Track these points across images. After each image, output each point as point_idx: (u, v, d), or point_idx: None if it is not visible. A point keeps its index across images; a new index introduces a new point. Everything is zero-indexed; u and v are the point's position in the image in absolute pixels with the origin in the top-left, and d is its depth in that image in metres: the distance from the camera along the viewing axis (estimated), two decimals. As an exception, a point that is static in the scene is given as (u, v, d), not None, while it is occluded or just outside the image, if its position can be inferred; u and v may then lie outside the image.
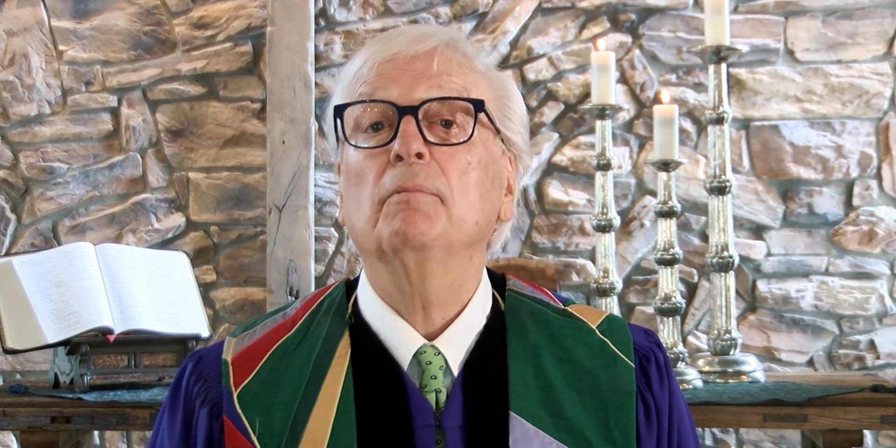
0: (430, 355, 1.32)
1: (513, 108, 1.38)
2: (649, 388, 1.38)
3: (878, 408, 2.55)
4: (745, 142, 3.73)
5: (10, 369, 3.83)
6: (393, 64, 1.32)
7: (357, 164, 1.32)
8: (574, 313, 1.41)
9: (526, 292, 1.42)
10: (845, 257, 3.71)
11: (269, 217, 3.69)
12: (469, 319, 1.35)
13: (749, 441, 3.70)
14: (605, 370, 1.35)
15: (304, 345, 1.36)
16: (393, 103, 1.30)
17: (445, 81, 1.32)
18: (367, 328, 1.36)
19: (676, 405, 1.40)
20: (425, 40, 1.33)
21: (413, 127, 1.29)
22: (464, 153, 1.31)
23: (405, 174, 1.28)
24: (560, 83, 3.76)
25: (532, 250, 3.76)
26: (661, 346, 1.42)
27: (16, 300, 2.71)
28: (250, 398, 1.33)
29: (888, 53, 3.71)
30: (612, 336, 1.39)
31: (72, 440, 2.76)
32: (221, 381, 1.36)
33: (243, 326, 1.43)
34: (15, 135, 3.86)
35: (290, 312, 1.41)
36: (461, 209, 1.30)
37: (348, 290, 1.41)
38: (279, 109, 3.70)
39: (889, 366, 3.68)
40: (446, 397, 1.32)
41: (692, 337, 3.71)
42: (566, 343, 1.37)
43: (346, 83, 1.36)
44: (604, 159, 3.07)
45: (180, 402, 1.39)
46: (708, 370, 2.82)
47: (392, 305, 1.35)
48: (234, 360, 1.37)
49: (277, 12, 3.71)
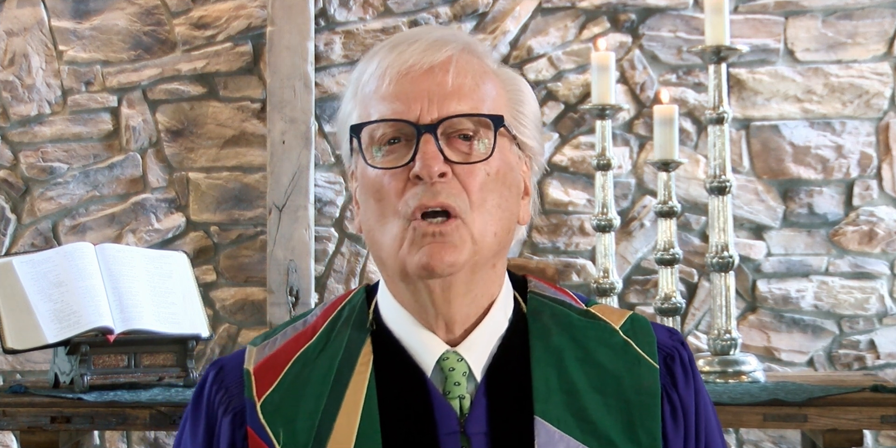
0: (452, 362, 1.32)
1: (525, 111, 1.38)
2: (675, 388, 1.37)
3: (878, 408, 2.55)
4: (745, 142, 3.72)
5: (10, 369, 3.83)
6: (409, 77, 1.31)
7: (376, 181, 1.32)
8: (597, 314, 1.40)
9: (547, 294, 1.41)
10: (845, 257, 3.71)
11: (269, 217, 3.69)
12: (491, 324, 1.35)
13: (749, 441, 3.70)
14: (628, 372, 1.35)
15: (326, 353, 1.36)
16: (412, 123, 1.29)
17: (463, 94, 1.31)
18: (389, 335, 1.36)
19: (703, 403, 1.40)
20: (440, 49, 1.32)
21: (433, 147, 1.29)
22: (483, 167, 1.31)
23: (427, 193, 1.28)
24: (560, 83, 3.76)
25: (532, 250, 3.76)
26: (685, 345, 1.42)
27: (16, 300, 2.70)
28: (274, 409, 1.33)
29: (888, 53, 3.71)
30: (636, 336, 1.38)
31: (72, 440, 2.76)
32: (244, 391, 1.36)
33: (264, 335, 1.43)
34: (15, 135, 3.86)
35: (311, 319, 1.41)
36: (481, 224, 1.30)
37: (368, 297, 1.41)
38: (279, 109, 3.70)
39: (889, 366, 3.68)
40: (470, 403, 1.32)
41: (692, 337, 3.71)
42: (589, 345, 1.36)
43: (360, 96, 1.35)
44: (604, 159, 3.07)
45: (202, 411, 1.39)
46: (708, 370, 2.82)
47: (414, 315, 1.35)
48: (256, 369, 1.37)
49: (277, 12, 3.71)
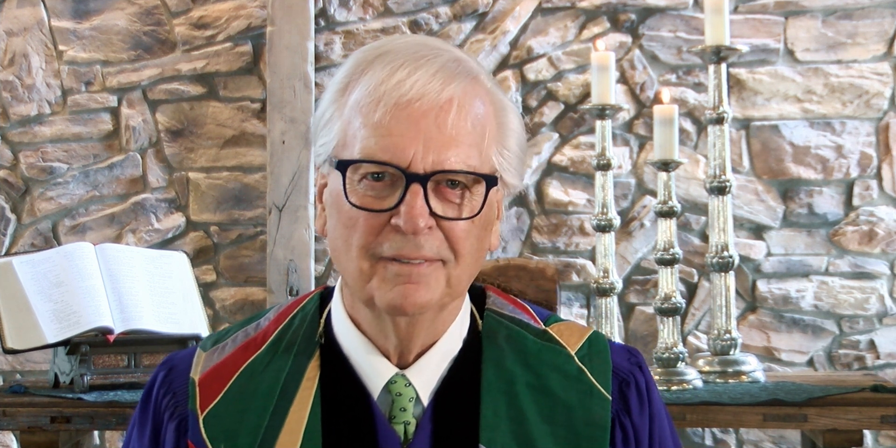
0: (400, 386, 1.30)
1: (510, 145, 1.31)
2: (628, 414, 1.35)
3: (878, 408, 2.55)
4: (745, 142, 3.72)
5: (10, 369, 3.83)
6: (406, 113, 1.23)
7: (351, 214, 1.25)
8: (554, 335, 1.36)
9: (505, 312, 1.38)
10: (845, 257, 3.70)
11: (269, 217, 3.69)
12: (444, 346, 1.32)
13: (749, 441, 3.69)
14: (580, 402, 1.32)
15: (273, 365, 1.33)
16: (402, 169, 1.22)
17: (460, 142, 1.24)
18: (339, 351, 1.32)
19: (658, 429, 1.37)
20: (444, 85, 1.24)
21: (420, 200, 1.22)
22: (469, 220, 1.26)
23: (408, 245, 1.23)
24: (560, 83, 3.76)
25: (532, 250, 3.76)
26: (644, 367, 1.39)
27: (16, 300, 2.71)
28: (216, 422, 1.31)
29: (888, 53, 3.71)
30: (591, 362, 1.35)
31: (72, 440, 2.76)
32: (188, 401, 1.33)
33: (214, 338, 1.39)
34: (15, 135, 3.86)
35: (263, 324, 1.37)
36: (461, 270, 1.27)
37: (322, 303, 1.37)
38: (279, 109, 3.70)
39: (889, 366, 3.68)
40: (415, 429, 1.29)
41: (692, 337, 3.71)
42: (542, 371, 1.33)
43: (347, 111, 1.27)
44: (604, 159, 3.07)
45: (150, 414, 1.37)
46: (708, 370, 2.82)
47: (369, 336, 1.31)
48: (202, 380, 1.34)
49: (277, 12, 3.71)
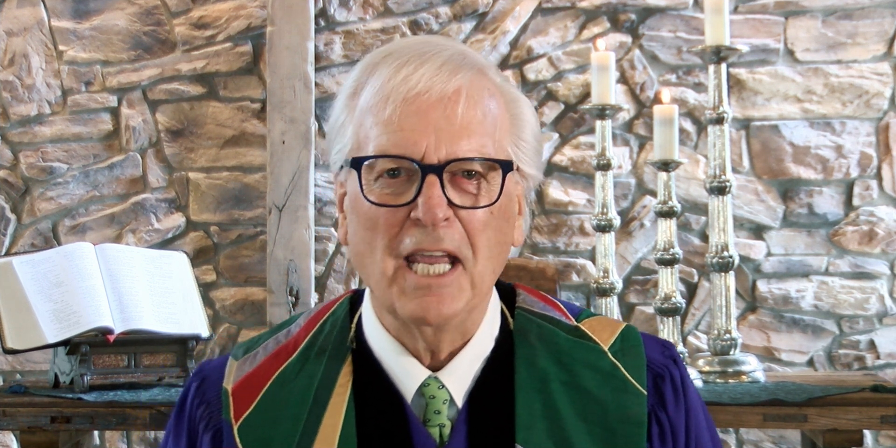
0: (433, 389, 1.29)
1: (526, 136, 1.32)
2: (664, 408, 1.33)
3: (878, 408, 2.55)
4: (745, 142, 3.72)
5: (10, 369, 3.83)
6: (415, 107, 1.23)
7: (371, 213, 1.26)
8: (586, 332, 1.35)
9: (535, 309, 1.37)
10: (845, 257, 3.70)
11: (269, 217, 3.69)
12: (476, 346, 1.31)
13: (749, 441, 3.69)
14: (614, 399, 1.31)
15: (305, 372, 1.32)
16: (416, 161, 1.23)
17: (472, 131, 1.25)
18: (370, 356, 1.32)
19: (694, 423, 1.36)
20: (451, 76, 1.25)
21: (437, 190, 1.22)
22: (487, 208, 1.26)
23: (428, 238, 1.23)
24: (560, 83, 3.76)
25: (532, 250, 3.76)
26: (679, 360, 1.37)
27: (16, 300, 2.70)
28: (251, 431, 1.30)
29: (888, 53, 3.71)
30: (625, 358, 1.33)
31: (72, 440, 2.76)
32: (222, 411, 1.33)
33: (245, 346, 1.39)
34: (15, 135, 3.86)
35: (294, 330, 1.37)
36: (481, 268, 1.26)
37: (352, 308, 1.37)
38: (279, 109, 3.70)
39: (889, 366, 3.68)
40: (450, 431, 1.29)
41: (692, 337, 3.71)
42: (575, 368, 1.32)
43: (358, 113, 1.28)
44: (604, 159, 3.07)
45: (184, 425, 1.37)
46: (708, 370, 2.82)
47: (399, 340, 1.31)
48: (235, 389, 1.33)
49: (277, 12, 3.71)
